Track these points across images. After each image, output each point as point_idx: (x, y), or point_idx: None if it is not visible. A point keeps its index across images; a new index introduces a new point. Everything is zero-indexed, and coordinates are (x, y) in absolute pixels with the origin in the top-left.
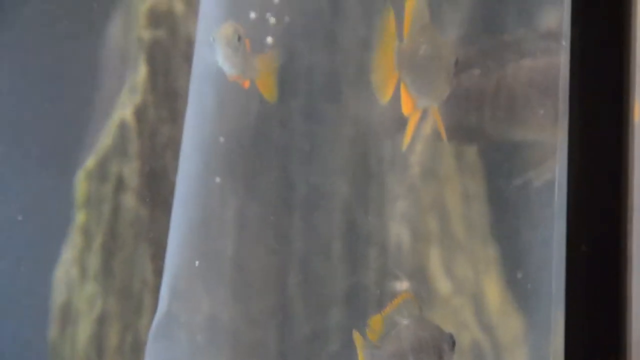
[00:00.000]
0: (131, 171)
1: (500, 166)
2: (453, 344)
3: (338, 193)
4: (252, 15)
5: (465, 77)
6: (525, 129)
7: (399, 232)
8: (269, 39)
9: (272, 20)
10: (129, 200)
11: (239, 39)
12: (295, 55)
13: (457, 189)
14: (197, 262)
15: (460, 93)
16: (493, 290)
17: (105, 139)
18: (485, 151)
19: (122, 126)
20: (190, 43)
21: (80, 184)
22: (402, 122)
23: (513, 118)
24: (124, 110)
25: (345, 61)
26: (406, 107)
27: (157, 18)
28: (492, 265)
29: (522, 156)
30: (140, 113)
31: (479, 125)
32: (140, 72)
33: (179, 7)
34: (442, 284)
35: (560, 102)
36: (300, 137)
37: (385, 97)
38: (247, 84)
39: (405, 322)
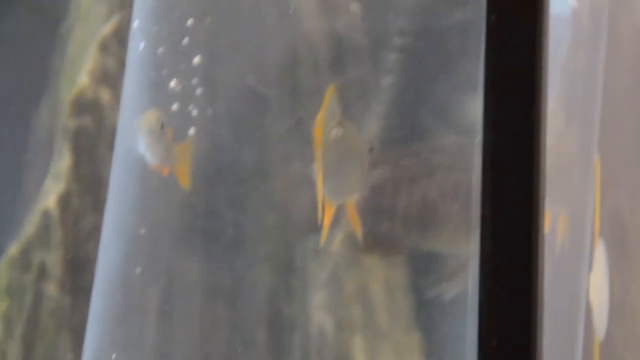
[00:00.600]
0: (54, 260)
1: (419, 269)
2: None
3: (262, 282)
4: (175, 106)
5: (378, 184)
6: (439, 240)
7: (322, 320)
8: (191, 130)
9: (195, 112)
10: (51, 289)
11: (162, 127)
12: (218, 146)
13: (381, 277)
14: (114, 355)
15: (373, 201)
16: None
17: (28, 227)
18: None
19: (46, 215)
20: (115, 132)
21: (2, 273)
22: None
23: (426, 229)
24: (48, 198)
25: (270, 152)
26: (320, 214)
27: (83, 107)
28: (416, 353)
29: (436, 266)
30: (63, 202)
31: (393, 235)
32: (65, 161)
33: (105, 96)
34: None
35: (472, 211)
36: (224, 226)
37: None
38: (166, 172)
39: None
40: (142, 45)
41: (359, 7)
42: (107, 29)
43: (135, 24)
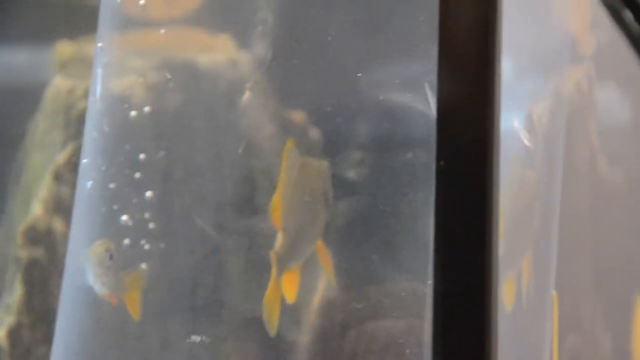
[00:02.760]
0: None
1: None
2: None
3: None
4: (126, 241)
5: (328, 327)
6: None
7: None
8: (143, 265)
9: (147, 246)
10: None
11: (111, 257)
12: (172, 278)
13: None
14: None
15: (321, 345)
16: None
17: None
18: None
19: None
20: None
21: None
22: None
23: None
24: None
25: (226, 285)
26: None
27: (36, 237)
28: None
29: None
30: (14, 334)
31: None
32: (16, 292)
33: (59, 226)
34: None
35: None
36: (180, 356)
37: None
38: (115, 301)
39: None
40: (90, 183)
41: (319, 140)
42: (61, 157)
43: (84, 162)
